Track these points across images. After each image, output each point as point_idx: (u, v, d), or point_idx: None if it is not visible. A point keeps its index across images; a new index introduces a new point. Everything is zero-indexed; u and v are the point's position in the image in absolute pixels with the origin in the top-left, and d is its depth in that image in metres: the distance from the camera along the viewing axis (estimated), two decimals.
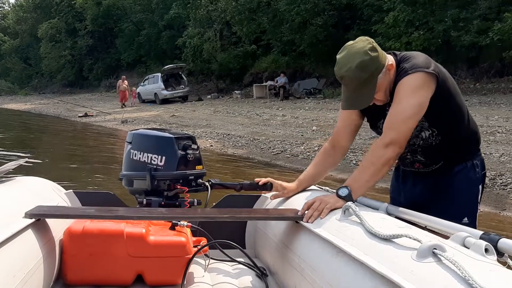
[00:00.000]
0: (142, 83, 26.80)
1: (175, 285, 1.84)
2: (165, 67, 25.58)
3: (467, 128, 1.93)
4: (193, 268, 1.99)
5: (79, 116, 20.82)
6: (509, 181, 5.38)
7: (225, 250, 2.06)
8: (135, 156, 2.27)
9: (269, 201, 2.27)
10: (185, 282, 1.83)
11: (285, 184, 2.10)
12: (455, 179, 1.92)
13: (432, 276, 1.07)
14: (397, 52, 1.86)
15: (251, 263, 1.99)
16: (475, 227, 1.69)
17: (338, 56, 1.77)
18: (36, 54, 44.48)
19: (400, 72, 1.77)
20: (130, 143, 2.32)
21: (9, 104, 34.64)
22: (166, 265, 1.84)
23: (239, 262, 2.06)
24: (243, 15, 22.58)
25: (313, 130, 10.76)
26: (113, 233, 1.82)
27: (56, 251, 1.81)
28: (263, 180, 2.11)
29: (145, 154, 2.24)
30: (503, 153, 6.36)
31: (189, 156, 2.23)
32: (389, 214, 1.66)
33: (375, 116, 1.96)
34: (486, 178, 3.02)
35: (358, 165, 7.18)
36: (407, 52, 1.90)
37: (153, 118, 17.59)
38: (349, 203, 1.60)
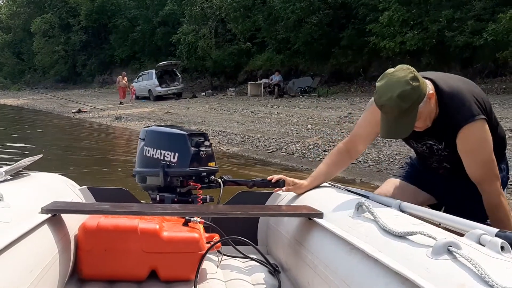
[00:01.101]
0: (136, 80, 26.64)
1: (188, 281, 1.86)
2: (160, 63, 25.46)
3: (498, 137, 1.93)
4: (206, 264, 2.01)
5: (72, 112, 20.67)
6: (503, 181, 5.42)
7: (237, 247, 2.07)
8: (148, 153, 2.29)
9: (281, 198, 2.29)
10: (198, 278, 1.84)
11: (297, 180, 2.13)
12: None
13: (447, 274, 1.06)
14: (433, 77, 1.83)
15: (264, 260, 2.00)
16: None
17: (377, 84, 1.75)
18: (29, 49, 44.04)
19: (453, 112, 1.77)
20: (143, 139, 2.34)
21: (1, 99, 34.31)
22: (179, 261, 1.85)
23: (252, 259, 2.07)
24: (238, 12, 22.54)
25: (308, 129, 10.79)
26: (127, 228, 1.84)
27: (71, 247, 1.82)
28: (275, 177, 2.14)
29: (158, 150, 2.25)
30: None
31: (202, 153, 2.25)
32: (402, 211, 1.66)
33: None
34: None
35: (353, 163, 7.26)
36: (444, 77, 1.86)
37: (147, 115, 17.52)
38: (362, 199, 1.62)
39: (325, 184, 2.18)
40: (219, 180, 2.27)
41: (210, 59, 25.43)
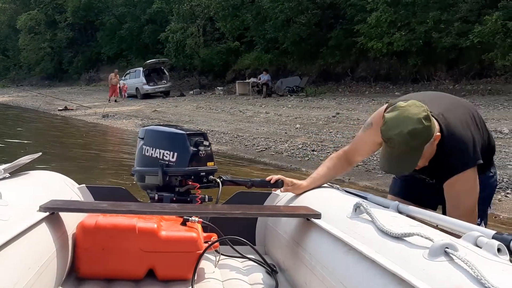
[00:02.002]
0: (123, 78, 26.45)
1: (185, 280, 1.86)
2: (147, 61, 25.33)
3: (489, 146, 1.95)
4: (203, 263, 2.01)
5: (59, 110, 20.45)
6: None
7: (235, 247, 2.08)
8: (147, 152, 2.28)
9: (279, 198, 2.29)
10: (195, 278, 1.84)
11: (296, 181, 2.14)
12: (481, 188, 1.93)
13: (444, 275, 1.07)
14: (438, 117, 1.77)
15: (262, 260, 2.00)
16: None
17: (387, 115, 1.71)
18: (15, 46, 43.36)
19: (451, 156, 1.76)
20: (143, 139, 2.33)
21: None
22: (177, 260, 1.86)
23: (250, 259, 2.08)
24: (227, 11, 22.51)
25: (297, 128, 10.82)
26: (125, 227, 1.84)
27: (69, 245, 1.82)
28: (274, 178, 2.14)
29: (157, 150, 2.25)
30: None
31: (201, 152, 2.24)
32: (400, 212, 1.66)
33: None
34: None
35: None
36: (449, 119, 1.79)
37: (135, 113, 17.41)
38: (360, 200, 1.63)
39: (323, 184, 2.19)
40: (218, 180, 2.27)
41: (198, 58, 25.35)
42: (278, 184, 2.11)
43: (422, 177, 1.98)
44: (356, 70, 18.52)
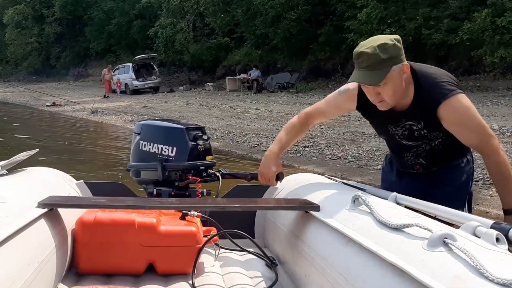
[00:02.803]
0: (112, 73, 26.27)
1: (185, 274, 1.86)
2: (136, 57, 25.16)
3: None
4: (203, 257, 2.00)
5: (47, 105, 20.27)
6: (480, 177, 5.55)
7: (235, 240, 2.08)
8: (144, 147, 2.27)
9: (278, 191, 2.29)
10: (195, 272, 1.84)
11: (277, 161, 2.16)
12: (455, 174, 2.00)
13: (443, 265, 1.07)
14: (410, 63, 1.87)
15: (261, 253, 2.01)
16: None
17: (361, 42, 1.82)
18: (1, 41, 42.79)
19: (429, 90, 1.81)
20: (139, 134, 2.32)
21: None
22: (176, 255, 1.86)
23: (249, 252, 2.08)
24: (217, 6, 22.42)
25: None
26: (124, 222, 1.83)
27: (68, 241, 1.81)
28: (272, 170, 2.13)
29: (155, 145, 2.24)
30: (472, 149, 6.56)
31: (200, 146, 2.24)
32: (398, 203, 1.66)
33: (384, 120, 1.99)
34: None
35: (334, 159, 7.34)
36: (419, 64, 1.91)
37: (124, 109, 17.31)
38: (359, 192, 1.63)
39: (321, 177, 2.20)
40: (217, 174, 2.27)
41: (188, 53, 25.25)
42: (278, 176, 2.10)
43: (410, 124, 1.94)
44: (346, 67, 18.57)
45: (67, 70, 37.99)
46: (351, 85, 1.98)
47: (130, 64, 24.66)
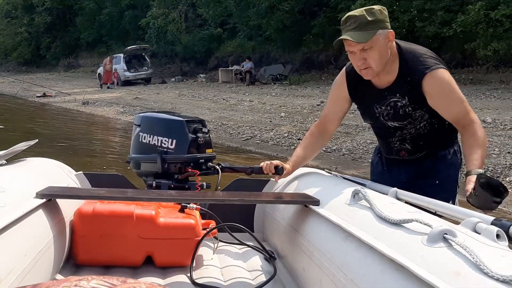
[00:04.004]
0: (102, 64, 26.05)
1: (184, 266, 1.86)
2: (128, 47, 24.92)
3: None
4: (202, 250, 2.02)
5: (37, 96, 20.08)
6: None
7: (234, 234, 2.08)
8: (144, 139, 2.27)
9: (278, 185, 2.29)
10: (194, 264, 1.84)
11: (285, 165, 2.13)
12: (442, 164, 2.01)
13: (442, 261, 1.06)
14: (396, 41, 1.93)
15: (260, 246, 2.01)
16: None
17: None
18: None
19: (413, 64, 1.85)
20: (139, 126, 2.32)
21: None
22: (175, 247, 1.86)
23: (248, 245, 2.08)
24: None
25: (281, 117, 10.80)
26: (123, 214, 1.84)
27: (66, 232, 1.81)
28: (274, 163, 2.10)
29: (155, 137, 2.24)
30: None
31: (200, 139, 2.25)
32: (398, 199, 1.66)
33: (370, 99, 2.01)
34: None
35: (328, 152, 7.33)
36: (404, 42, 1.96)
37: (116, 100, 17.18)
38: (359, 187, 1.62)
39: (321, 172, 2.20)
40: (217, 167, 2.26)
41: (180, 44, 25.08)
42: (278, 171, 2.09)
43: (394, 101, 1.95)
44: (339, 59, 18.53)
45: (58, 61, 37.59)
46: (339, 76, 2.08)
47: (121, 55, 24.41)
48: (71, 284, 0.62)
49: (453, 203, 1.99)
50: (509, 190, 5.04)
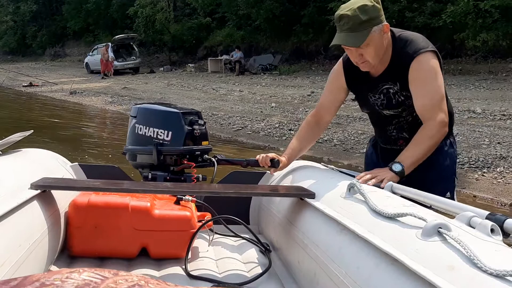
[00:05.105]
0: (90, 53, 25.76)
1: (179, 258, 1.86)
2: (116, 37, 24.67)
3: (448, 106, 2.00)
4: (197, 242, 2.01)
5: (23, 86, 19.81)
6: (465, 160, 5.62)
7: (229, 226, 2.08)
8: (140, 131, 2.26)
9: (274, 178, 2.29)
10: (189, 256, 1.84)
11: (281, 158, 2.13)
12: (439, 156, 1.99)
13: (436, 255, 1.06)
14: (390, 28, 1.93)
15: (255, 239, 2.01)
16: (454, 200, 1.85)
17: (342, 5, 1.85)
18: None
19: (404, 48, 1.85)
20: (135, 117, 2.30)
21: None
22: (170, 239, 1.86)
23: (243, 238, 2.08)
24: None
25: (272, 107, 10.78)
26: (118, 206, 1.83)
27: (61, 223, 1.80)
28: (269, 156, 2.11)
29: (151, 128, 2.23)
30: (457, 133, 6.65)
31: (196, 131, 2.23)
32: (394, 192, 1.65)
33: (365, 89, 2.01)
34: None
35: (319, 142, 7.34)
36: (398, 29, 1.96)
37: (104, 90, 17.01)
38: (354, 180, 1.62)
39: (318, 165, 2.20)
40: (213, 159, 2.26)
41: (169, 34, 24.86)
42: (274, 163, 2.08)
43: (387, 88, 1.96)
44: (329, 49, 18.46)
45: (44, 50, 37.11)
46: (336, 65, 2.07)
47: (109, 44, 24.14)
48: (63, 276, 0.62)
49: (452, 194, 2.01)
50: (499, 180, 5.05)
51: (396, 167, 1.76)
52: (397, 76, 1.90)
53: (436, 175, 1.98)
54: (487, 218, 1.24)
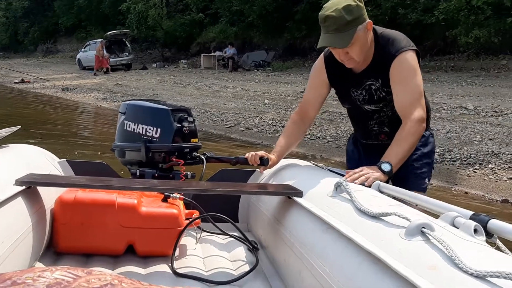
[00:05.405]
0: (82, 49, 25.61)
1: (166, 256, 1.85)
2: (108, 33, 24.50)
3: (426, 102, 2.06)
4: (185, 240, 2.01)
5: (15, 82, 19.69)
6: (457, 157, 5.65)
7: (218, 224, 2.07)
8: (129, 127, 2.24)
9: (263, 176, 2.28)
10: (176, 254, 1.83)
11: (270, 155, 2.13)
12: (420, 144, 2.04)
13: (419, 255, 1.07)
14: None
15: (243, 237, 2.00)
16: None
17: (325, 5, 1.86)
18: None
19: (386, 46, 1.90)
20: (124, 113, 2.28)
21: None
22: (157, 236, 1.85)
23: (231, 236, 2.07)
24: None
25: (265, 104, 10.77)
26: (104, 203, 1.82)
27: (47, 220, 1.78)
28: (259, 154, 2.10)
29: (140, 125, 2.20)
30: (449, 130, 6.68)
31: (185, 128, 2.22)
32: (381, 192, 1.66)
33: (347, 84, 2.04)
34: (436, 153, 3.23)
35: (312, 139, 7.35)
36: (380, 27, 2.00)
37: (96, 86, 16.92)
38: (341, 180, 1.62)
39: (307, 163, 2.19)
40: (202, 157, 2.25)
41: (161, 30, 24.74)
42: (263, 161, 2.07)
43: (369, 84, 1.99)
44: None
45: (36, 46, 36.88)
46: (317, 61, 2.11)
47: (102, 40, 24.00)
48: (35, 275, 0.61)
49: (429, 180, 2.09)
50: (491, 177, 5.07)
51: (385, 166, 1.78)
52: (379, 73, 1.94)
53: (416, 165, 2.05)
54: (471, 218, 1.24)
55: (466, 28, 12.07)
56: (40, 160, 2.10)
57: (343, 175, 1.91)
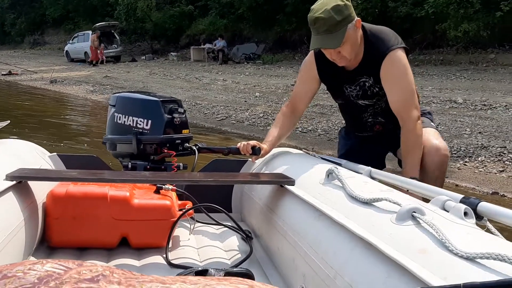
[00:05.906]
0: (70, 41, 25.31)
1: (160, 247, 1.85)
2: (97, 24, 24.24)
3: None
4: (178, 231, 2.01)
5: (2, 74, 19.40)
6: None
7: (211, 214, 2.07)
8: (119, 120, 2.23)
9: (256, 165, 2.29)
10: (170, 245, 1.84)
11: (261, 145, 2.15)
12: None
13: (410, 239, 1.08)
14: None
15: (236, 226, 2.01)
16: None
17: (313, 6, 1.87)
18: None
19: (377, 44, 1.91)
20: (114, 106, 2.27)
21: None
22: (150, 228, 1.85)
23: (225, 226, 2.08)
24: None
25: (256, 96, 10.74)
26: (96, 196, 1.81)
27: (39, 214, 1.78)
28: (250, 143, 2.12)
29: (130, 117, 2.20)
30: (439, 123, 6.72)
31: (176, 119, 2.21)
32: (372, 178, 1.69)
33: (339, 80, 2.06)
34: None
35: (304, 132, 7.36)
36: (367, 24, 2.02)
37: (85, 79, 16.75)
38: (333, 167, 1.64)
39: (299, 152, 2.21)
40: (194, 148, 2.24)
41: (150, 22, 24.51)
42: (255, 151, 2.09)
43: (363, 81, 2.02)
44: None
45: (23, 38, 36.36)
46: (308, 56, 2.12)
47: (90, 32, 23.75)
48: (25, 268, 0.61)
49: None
50: (481, 169, 5.11)
51: None
52: (370, 70, 1.96)
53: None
54: (461, 201, 1.27)
55: (455, 21, 12.13)
56: (30, 154, 2.09)
57: (334, 163, 1.94)
